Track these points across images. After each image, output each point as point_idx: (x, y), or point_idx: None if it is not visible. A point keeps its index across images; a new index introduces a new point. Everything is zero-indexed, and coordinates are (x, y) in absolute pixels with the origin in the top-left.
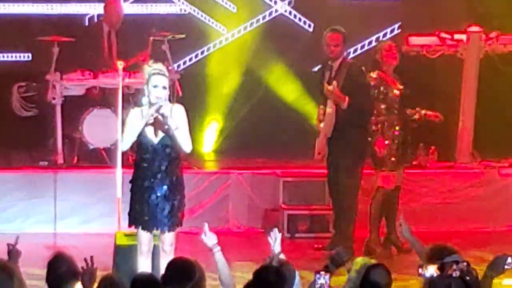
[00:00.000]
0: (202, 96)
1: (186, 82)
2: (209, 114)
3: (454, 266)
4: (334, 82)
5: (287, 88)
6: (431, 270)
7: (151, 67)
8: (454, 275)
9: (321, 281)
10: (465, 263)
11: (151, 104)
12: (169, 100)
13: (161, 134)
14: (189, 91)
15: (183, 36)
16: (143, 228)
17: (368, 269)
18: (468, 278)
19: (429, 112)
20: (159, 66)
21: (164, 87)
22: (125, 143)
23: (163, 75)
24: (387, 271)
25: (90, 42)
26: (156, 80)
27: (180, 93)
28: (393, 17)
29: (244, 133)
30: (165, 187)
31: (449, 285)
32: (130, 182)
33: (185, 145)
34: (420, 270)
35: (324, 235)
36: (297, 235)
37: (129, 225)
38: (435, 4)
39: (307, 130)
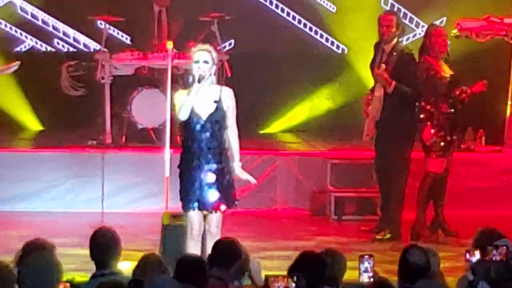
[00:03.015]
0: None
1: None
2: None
3: (494, 251)
4: (383, 65)
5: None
6: (478, 255)
7: (196, 47)
8: (494, 259)
9: (366, 264)
10: (504, 247)
11: (194, 80)
12: (218, 81)
13: (209, 111)
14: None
15: (233, 16)
16: (194, 209)
17: (404, 251)
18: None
19: (474, 87)
20: (204, 45)
21: (206, 61)
22: (183, 112)
23: (205, 50)
24: (425, 251)
25: (140, 21)
26: (197, 55)
27: (229, 74)
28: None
29: (293, 114)
30: (214, 165)
31: (489, 268)
32: (178, 166)
33: (232, 129)
34: (467, 255)
35: (371, 217)
36: (344, 217)
37: (184, 210)
38: None
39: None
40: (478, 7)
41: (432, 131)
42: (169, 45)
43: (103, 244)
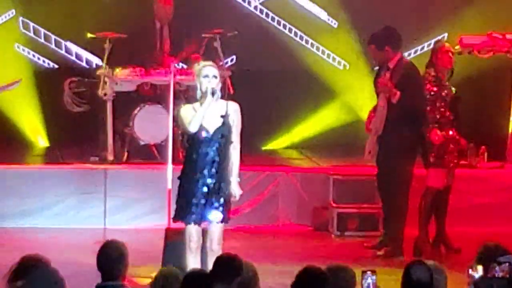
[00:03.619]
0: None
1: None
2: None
3: (497, 267)
4: (387, 74)
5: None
6: (481, 271)
7: (200, 64)
8: (497, 275)
9: (368, 280)
10: (507, 264)
11: (203, 94)
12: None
13: (216, 125)
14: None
15: (236, 33)
16: (192, 221)
17: (408, 267)
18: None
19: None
20: (208, 61)
21: (215, 76)
22: (194, 124)
23: (212, 65)
24: (428, 268)
25: (142, 38)
26: (206, 70)
27: (232, 91)
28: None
29: (295, 131)
30: (216, 179)
31: (491, 285)
32: (179, 178)
33: (235, 145)
34: (470, 271)
35: (373, 233)
36: (346, 233)
37: (175, 220)
38: (488, 4)
39: (358, 129)
40: (480, 23)
41: (439, 132)
42: (172, 61)
43: (112, 256)
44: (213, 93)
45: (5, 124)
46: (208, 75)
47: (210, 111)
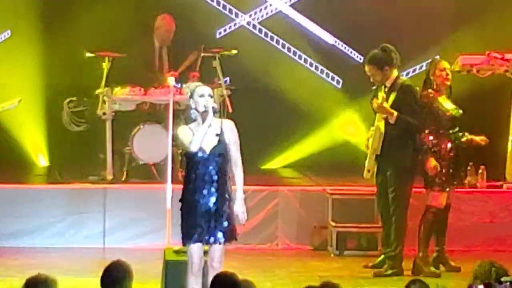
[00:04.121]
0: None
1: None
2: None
3: (498, 286)
4: (384, 96)
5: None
6: None
7: (191, 84)
8: None
9: None
10: (508, 283)
11: (202, 113)
12: (219, 116)
13: (212, 144)
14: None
15: (235, 52)
16: (195, 241)
17: (408, 286)
18: None
19: (475, 138)
20: (198, 82)
21: (210, 95)
22: (195, 143)
23: (206, 85)
24: (427, 286)
25: (141, 57)
26: (201, 89)
27: (231, 109)
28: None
29: (294, 150)
30: (216, 198)
31: None
32: (180, 200)
33: (236, 162)
34: None
35: (373, 253)
36: (346, 252)
37: (184, 244)
38: (487, 24)
39: (357, 148)
40: (478, 42)
41: (435, 163)
42: (171, 80)
43: (116, 276)
44: (214, 112)
45: (6, 143)
46: (204, 94)
47: (202, 129)
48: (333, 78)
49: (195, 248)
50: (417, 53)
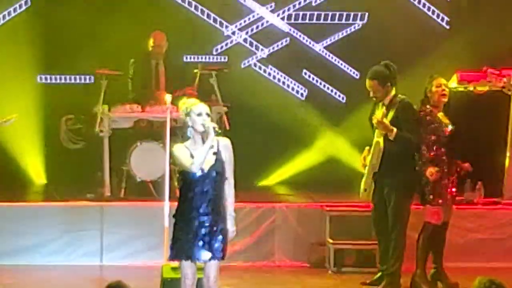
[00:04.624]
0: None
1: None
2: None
3: None
4: (383, 111)
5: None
6: None
7: (188, 101)
8: None
9: None
10: None
11: (201, 133)
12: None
13: (209, 162)
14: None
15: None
16: (188, 258)
17: None
18: None
19: (463, 164)
20: (195, 99)
21: (207, 114)
22: (196, 165)
23: (203, 103)
24: None
25: (138, 75)
26: (199, 108)
27: (228, 127)
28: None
29: (291, 167)
30: (211, 216)
31: None
32: (174, 216)
33: (229, 180)
34: None
35: (370, 270)
36: (343, 269)
37: (172, 259)
38: (483, 40)
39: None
40: (475, 58)
41: (434, 169)
42: (168, 98)
43: None
44: (215, 132)
45: (3, 161)
46: (201, 113)
47: (204, 149)
48: (332, 91)
49: (189, 265)
50: (413, 69)
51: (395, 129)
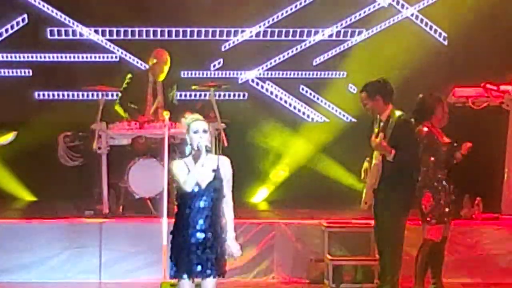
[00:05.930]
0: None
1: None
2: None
3: None
4: (381, 134)
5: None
6: None
7: (188, 117)
8: None
9: None
10: None
11: (196, 151)
12: (215, 150)
13: (208, 180)
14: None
15: (228, 85)
16: (187, 275)
17: None
18: None
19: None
20: (195, 115)
21: (205, 131)
22: (189, 183)
23: (201, 120)
24: None
25: (135, 92)
26: (195, 125)
27: (226, 143)
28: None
29: (291, 183)
30: (209, 233)
31: None
32: (171, 233)
33: (227, 199)
34: None
35: (369, 285)
36: (342, 285)
37: (173, 277)
38: (481, 55)
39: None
40: (474, 74)
41: (431, 199)
42: (166, 115)
43: None
44: (207, 150)
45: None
46: (198, 131)
47: (195, 169)
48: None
49: (188, 282)
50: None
51: (393, 151)
